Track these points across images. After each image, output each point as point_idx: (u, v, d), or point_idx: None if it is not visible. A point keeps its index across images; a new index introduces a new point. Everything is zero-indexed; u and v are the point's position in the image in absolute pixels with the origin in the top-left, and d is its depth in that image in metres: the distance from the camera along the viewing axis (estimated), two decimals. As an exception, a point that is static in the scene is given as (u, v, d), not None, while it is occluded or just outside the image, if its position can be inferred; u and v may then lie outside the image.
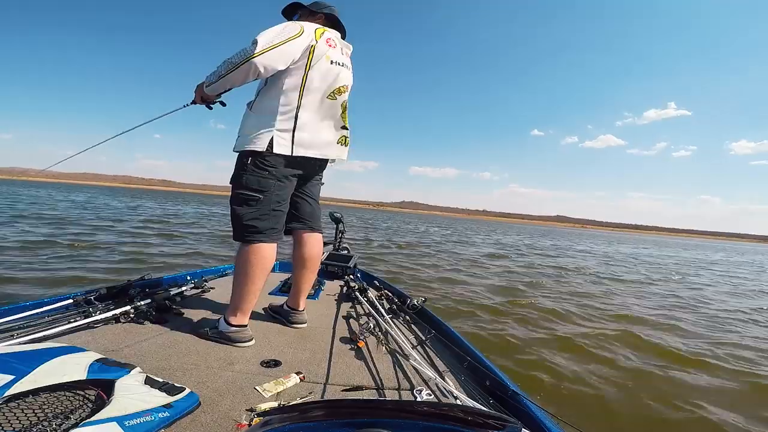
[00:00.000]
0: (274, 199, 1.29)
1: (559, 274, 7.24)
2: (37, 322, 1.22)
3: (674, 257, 16.74)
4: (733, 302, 5.66)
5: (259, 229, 1.27)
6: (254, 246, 1.27)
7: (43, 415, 0.66)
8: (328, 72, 1.32)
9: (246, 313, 1.31)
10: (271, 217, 1.29)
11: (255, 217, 1.26)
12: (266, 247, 1.29)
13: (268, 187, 1.27)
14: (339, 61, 1.36)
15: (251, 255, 1.27)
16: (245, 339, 1.29)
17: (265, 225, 1.28)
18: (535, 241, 21.21)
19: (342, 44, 1.43)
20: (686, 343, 3.24)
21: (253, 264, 1.26)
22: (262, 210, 1.27)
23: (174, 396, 0.81)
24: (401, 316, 1.73)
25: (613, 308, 4.43)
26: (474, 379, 1.16)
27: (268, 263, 1.30)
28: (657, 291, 6.19)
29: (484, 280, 5.79)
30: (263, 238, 1.28)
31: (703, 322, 4.13)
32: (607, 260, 11.79)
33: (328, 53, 1.31)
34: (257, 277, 1.28)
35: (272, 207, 1.29)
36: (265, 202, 1.27)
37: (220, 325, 1.31)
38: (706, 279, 8.73)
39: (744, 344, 3.34)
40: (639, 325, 3.72)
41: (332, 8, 1.46)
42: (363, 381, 1.08)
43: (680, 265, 12.45)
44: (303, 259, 1.50)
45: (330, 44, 1.33)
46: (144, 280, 1.73)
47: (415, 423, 0.45)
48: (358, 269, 2.58)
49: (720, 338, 3.51)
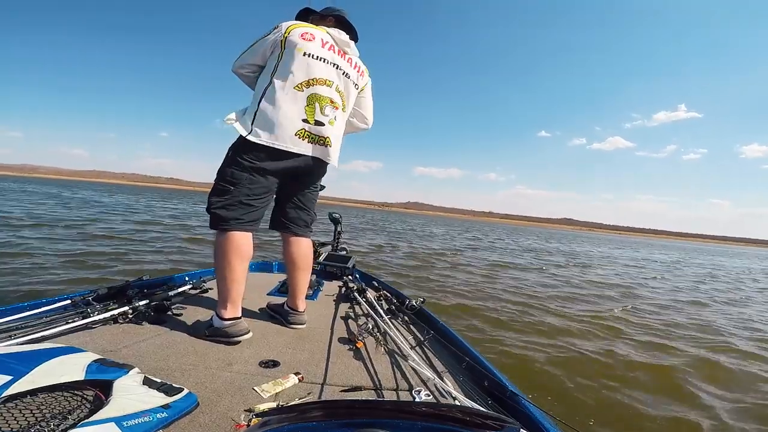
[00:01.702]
0: (244, 192, 1.32)
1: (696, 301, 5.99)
2: (35, 322, 1.21)
3: (740, 267, 15.82)
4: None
5: (223, 218, 1.31)
6: (226, 233, 1.31)
7: (41, 416, 0.66)
8: (299, 64, 1.33)
9: (235, 303, 1.32)
10: (239, 208, 1.32)
11: (222, 206, 1.31)
12: (238, 235, 1.32)
13: (240, 180, 1.32)
14: (317, 56, 1.36)
15: (223, 242, 1.31)
16: (241, 332, 1.29)
17: (231, 215, 1.31)
18: (572, 247, 20.46)
19: (340, 43, 1.44)
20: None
21: (226, 250, 1.30)
22: (230, 201, 1.31)
23: (172, 396, 0.81)
24: (400, 317, 1.73)
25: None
26: (472, 379, 1.16)
27: (243, 250, 1.33)
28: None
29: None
30: (226, 226, 1.31)
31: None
32: (709, 276, 10.74)
33: (300, 46, 1.33)
34: (233, 264, 1.30)
35: (241, 199, 1.32)
36: (235, 193, 1.31)
37: (214, 322, 1.31)
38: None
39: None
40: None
41: (341, 11, 1.52)
42: (361, 381, 1.08)
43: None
44: (289, 260, 1.54)
45: (305, 38, 1.35)
46: (142, 280, 1.73)
47: (414, 423, 0.45)
48: (356, 270, 2.58)
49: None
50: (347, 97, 1.48)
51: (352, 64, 1.49)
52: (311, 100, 1.35)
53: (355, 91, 1.53)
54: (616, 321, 4.13)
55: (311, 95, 1.35)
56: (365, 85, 1.60)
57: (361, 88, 1.57)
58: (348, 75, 1.46)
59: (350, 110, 1.55)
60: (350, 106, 1.53)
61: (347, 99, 1.48)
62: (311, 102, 1.35)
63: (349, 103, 1.51)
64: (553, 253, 14.37)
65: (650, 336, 3.62)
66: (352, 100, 1.53)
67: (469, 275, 6.59)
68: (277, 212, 1.54)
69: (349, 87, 1.48)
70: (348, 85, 1.48)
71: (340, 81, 1.43)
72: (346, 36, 1.47)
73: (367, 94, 1.64)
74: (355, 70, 1.50)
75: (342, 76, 1.44)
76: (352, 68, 1.49)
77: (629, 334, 3.64)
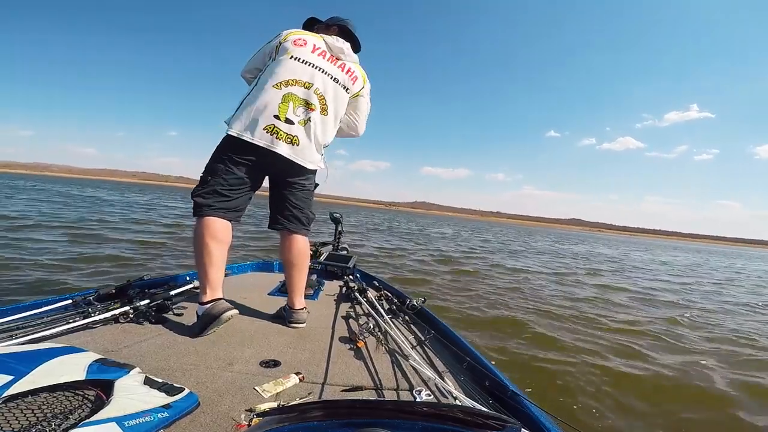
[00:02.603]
0: (219, 182, 1.40)
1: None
2: (36, 322, 1.22)
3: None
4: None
5: (200, 204, 1.39)
6: (202, 219, 1.38)
7: (42, 416, 0.66)
8: (284, 66, 1.43)
9: (214, 288, 1.37)
10: (213, 196, 1.39)
11: (199, 195, 1.40)
12: (212, 220, 1.38)
13: (216, 170, 1.40)
14: (303, 59, 1.45)
15: (199, 226, 1.38)
16: (224, 309, 1.32)
17: (206, 202, 1.39)
18: (590, 248, 19.84)
19: (334, 50, 1.52)
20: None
21: (201, 234, 1.37)
22: (207, 189, 1.40)
23: (173, 396, 0.81)
24: (401, 317, 1.73)
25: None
26: (473, 379, 1.16)
27: (218, 233, 1.38)
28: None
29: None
30: (201, 212, 1.38)
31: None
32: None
33: (290, 50, 1.45)
34: (209, 246, 1.36)
35: (216, 188, 1.39)
36: (212, 183, 1.40)
37: (198, 311, 1.35)
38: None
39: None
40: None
41: (345, 21, 1.64)
42: (362, 381, 1.08)
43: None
44: (285, 258, 1.58)
45: (297, 44, 1.46)
46: (143, 280, 1.73)
47: (415, 423, 0.45)
48: (357, 269, 2.58)
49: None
50: (330, 101, 1.50)
51: (344, 69, 1.54)
52: (286, 99, 1.41)
53: (345, 96, 1.57)
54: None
55: (287, 94, 1.41)
56: (359, 90, 1.63)
57: (354, 93, 1.61)
58: (336, 80, 1.51)
59: (337, 114, 1.57)
60: (336, 110, 1.55)
61: (330, 102, 1.50)
62: (285, 100, 1.41)
63: (333, 107, 1.52)
64: (596, 259, 13.28)
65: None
66: (340, 105, 1.56)
67: (504, 282, 6.14)
68: (273, 211, 1.59)
69: (337, 91, 1.53)
70: (335, 90, 1.52)
71: (322, 84, 1.47)
72: (343, 43, 1.54)
73: (360, 100, 1.67)
74: (347, 75, 1.55)
75: (328, 79, 1.49)
76: (344, 73, 1.54)
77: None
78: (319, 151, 1.53)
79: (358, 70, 1.61)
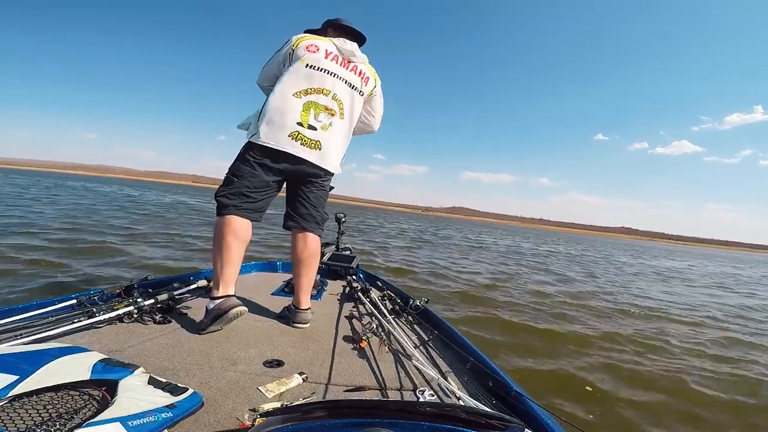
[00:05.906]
0: (245, 184, 1.44)
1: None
2: (40, 322, 1.22)
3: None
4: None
5: (224, 205, 1.42)
6: (223, 218, 1.41)
7: (47, 415, 0.66)
8: (301, 74, 1.48)
9: (227, 284, 1.40)
10: (238, 198, 1.43)
11: (224, 195, 1.43)
12: (235, 219, 1.41)
13: (243, 173, 1.44)
14: (319, 66, 1.49)
15: (221, 223, 1.41)
16: (234, 305, 1.34)
17: (230, 202, 1.42)
18: (688, 263, 17.42)
19: (345, 53, 1.54)
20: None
21: (222, 231, 1.40)
22: (232, 190, 1.43)
23: (177, 396, 0.81)
24: (404, 317, 1.73)
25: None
26: (477, 379, 1.16)
27: (240, 233, 1.42)
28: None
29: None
30: (225, 211, 1.41)
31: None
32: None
33: (304, 57, 1.48)
34: (229, 242, 1.39)
35: (242, 190, 1.43)
36: (237, 185, 1.43)
37: (208, 306, 1.37)
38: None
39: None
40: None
41: (341, 20, 1.65)
42: (365, 381, 1.08)
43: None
44: (295, 255, 1.59)
45: (310, 50, 1.49)
46: (147, 280, 1.74)
47: (418, 423, 0.45)
48: (360, 269, 2.58)
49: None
50: (347, 105, 1.56)
51: (356, 72, 1.58)
52: (307, 107, 1.47)
53: (360, 98, 1.62)
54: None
55: (307, 102, 1.47)
56: (372, 89, 1.67)
57: (368, 93, 1.66)
58: (352, 84, 1.56)
59: (353, 117, 1.62)
60: (352, 113, 1.60)
61: (346, 107, 1.56)
62: (307, 108, 1.47)
63: (350, 111, 1.58)
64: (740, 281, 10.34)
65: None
66: (356, 108, 1.62)
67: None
68: (287, 211, 1.62)
69: (353, 95, 1.58)
70: (351, 94, 1.57)
71: (339, 90, 1.52)
72: (351, 45, 1.57)
73: (374, 98, 1.73)
74: (360, 78, 1.59)
75: (344, 85, 1.54)
76: (356, 76, 1.59)
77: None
78: (340, 154, 1.59)
79: (369, 70, 1.64)
